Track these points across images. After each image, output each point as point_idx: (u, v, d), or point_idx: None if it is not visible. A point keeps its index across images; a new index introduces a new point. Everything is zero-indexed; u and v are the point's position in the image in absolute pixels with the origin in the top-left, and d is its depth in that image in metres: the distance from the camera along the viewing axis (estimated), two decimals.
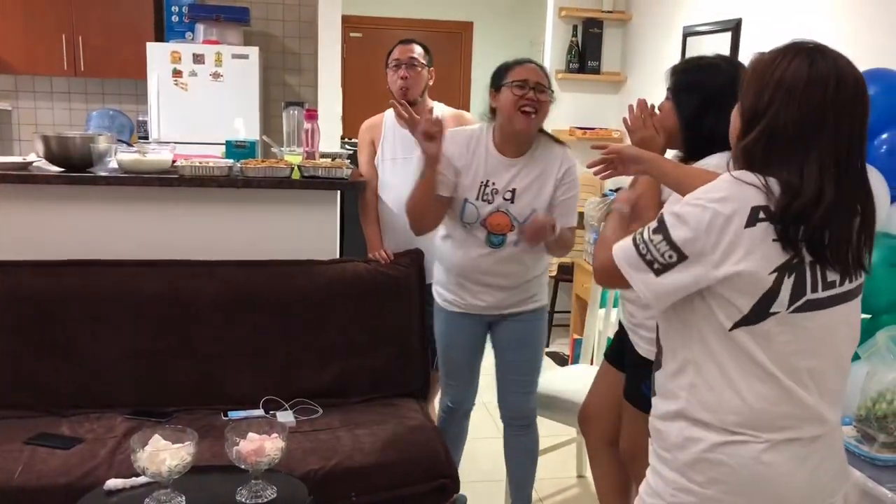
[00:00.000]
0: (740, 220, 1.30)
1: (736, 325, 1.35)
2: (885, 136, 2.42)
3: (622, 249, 1.44)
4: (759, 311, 1.33)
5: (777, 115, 1.34)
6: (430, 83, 3.11)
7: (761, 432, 1.37)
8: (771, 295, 1.32)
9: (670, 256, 1.35)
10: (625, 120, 2.06)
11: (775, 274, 1.31)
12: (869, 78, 2.45)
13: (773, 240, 1.31)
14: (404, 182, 3.08)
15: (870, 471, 1.81)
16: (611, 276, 1.48)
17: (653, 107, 2.05)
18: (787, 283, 1.32)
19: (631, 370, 2.21)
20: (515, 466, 2.87)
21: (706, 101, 1.93)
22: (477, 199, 2.55)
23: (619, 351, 2.34)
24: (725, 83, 1.90)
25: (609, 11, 5.24)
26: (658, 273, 1.37)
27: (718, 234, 1.31)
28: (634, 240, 1.41)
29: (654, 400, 1.53)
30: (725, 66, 2.02)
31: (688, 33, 4.46)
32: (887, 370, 1.94)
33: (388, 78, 3.08)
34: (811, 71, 1.33)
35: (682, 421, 1.43)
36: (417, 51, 3.05)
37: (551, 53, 5.31)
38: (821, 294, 1.35)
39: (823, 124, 1.32)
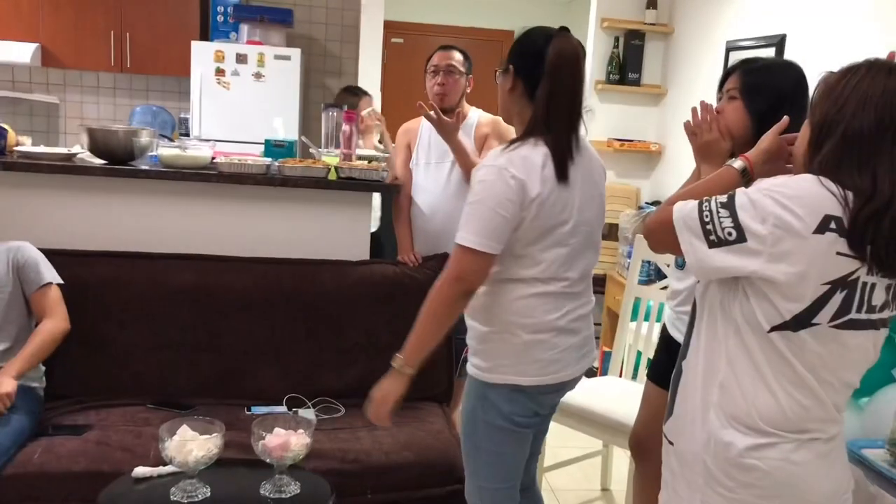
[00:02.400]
0: (810, 224, 1.28)
1: (774, 329, 1.34)
2: None
3: (684, 209, 1.40)
4: (801, 320, 1.32)
5: (852, 121, 1.32)
6: (469, 90, 3.12)
7: (790, 433, 1.37)
8: (817, 306, 1.31)
9: (730, 234, 1.32)
10: (687, 124, 1.99)
11: (828, 286, 1.30)
12: None
13: (837, 252, 1.28)
14: (436, 186, 3.10)
15: None
16: (664, 234, 1.44)
17: (715, 109, 2.00)
18: (836, 299, 1.31)
19: None
20: None
21: (781, 99, 1.92)
22: None
23: (667, 368, 1.98)
24: (798, 80, 1.97)
25: (651, 24, 5.21)
26: (711, 245, 1.34)
27: (784, 232, 1.29)
28: (700, 205, 1.38)
29: (678, 397, 1.51)
30: (795, 65, 2.03)
31: (731, 48, 4.41)
32: None
33: (426, 83, 3.09)
34: (888, 81, 1.32)
35: (710, 416, 1.42)
36: (456, 58, 3.06)
37: (592, 64, 5.29)
38: (861, 315, 1.34)
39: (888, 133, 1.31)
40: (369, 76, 5.55)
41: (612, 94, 5.23)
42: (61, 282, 2.64)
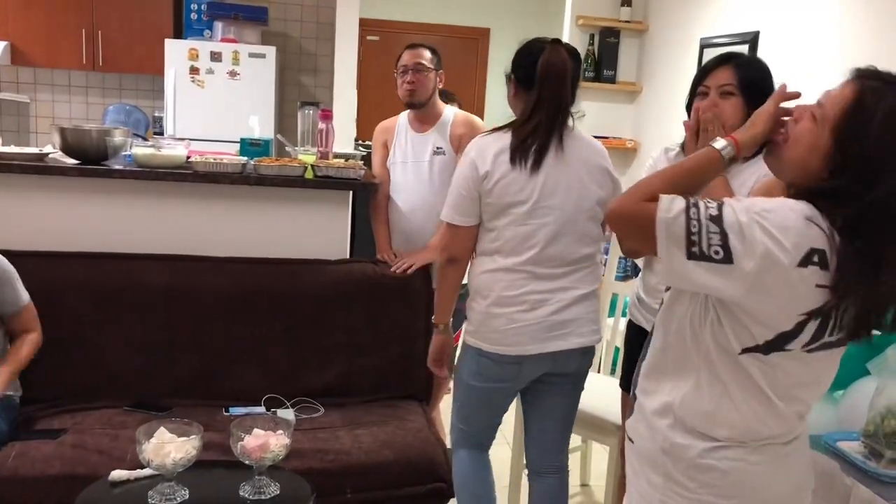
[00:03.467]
0: (794, 258, 1.21)
1: (745, 351, 1.31)
2: None
3: (671, 210, 1.25)
4: (774, 345, 1.29)
5: (879, 171, 1.22)
6: (440, 86, 3.12)
7: (747, 441, 1.37)
8: (791, 335, 1.27)
9: (716, 252, 1.22)
10: (688, 123, 1.92)
11: (804, 317, 1.25)
12: None
13: (817, 285, 1.22)
14: (414, 185, 3.10)
15: (877, 487, 1.80)
16: (639, 229, 1.30)
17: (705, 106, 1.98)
18: (811, 327, 1.26)
19: None
20: None
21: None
22: None
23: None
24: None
25: (626, 21, 5.24)
26: (691, 257, 1.23)
27: (770, 265, 1.21)
28: (688, 210, 1.24)
29: (640, 395, 1.48)
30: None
31: (705, 45, 4.45)
32: None
33: (397, 83, 3.09)
34: None
35: (667, 423, 1.40)
36: (425, 55, 3.06)
37: None
38: (833, 337, 1.30)
39: None
40: (345, 74, 5.53)
41: (587, 91, 5.25)
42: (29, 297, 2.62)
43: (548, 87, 2.14)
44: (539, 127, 2.14)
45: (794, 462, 1.43)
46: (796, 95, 1.42)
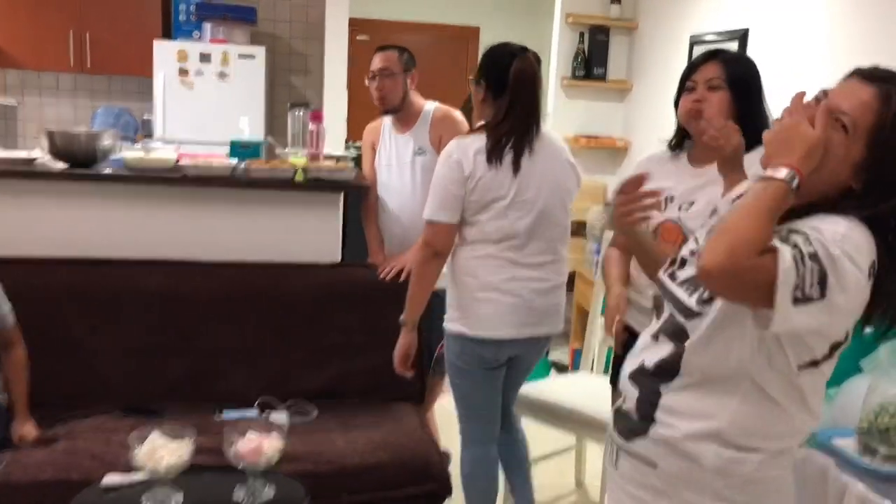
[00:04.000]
0: (868, 275, 1.21)
1: (802, 367, 1.29)
2: None
3: (786, 260, 1.17)
4: (828, 356, 1.29)
5: None
6: (413, 86, 3.09)
7: (793, 447, 1.38)
8: (844, 342, 1.29)
9: (815, 291, 1.16)
10: (710, 136, 1.88)
11: (858, 321, 1.28)
12: None
13: (871, 293, 1.24)
14: (399, 187, 3.10)
15: (872, 483, 1.80)
16: (749, 281, 1.19)
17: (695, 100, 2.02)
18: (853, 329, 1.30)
19: None
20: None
21: (759, 90, 1.99)
22: None
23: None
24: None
25: (616, 19, 5.24)
26: (795, 302, 1.16)
27: (859, 291, 1.21)
28: (795, 255, 1.17)
29: (666, 419, 1.37)
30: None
31: (695, 42, 4.46)
32: (890, 383, 1.93)
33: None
34: None
35: (715, 444, 1.33)
36: (392, 58, 3.02)
37: (557, 60, 5.31)
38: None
39: None
40: (335, 74, 5.52)
41: (577, 89, 5.26)
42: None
43: (521, 93, 2.33)
44: (514, 130, 2.32)
45: None
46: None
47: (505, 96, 2.33)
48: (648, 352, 1.44)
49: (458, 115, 3.09)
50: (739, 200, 1.25)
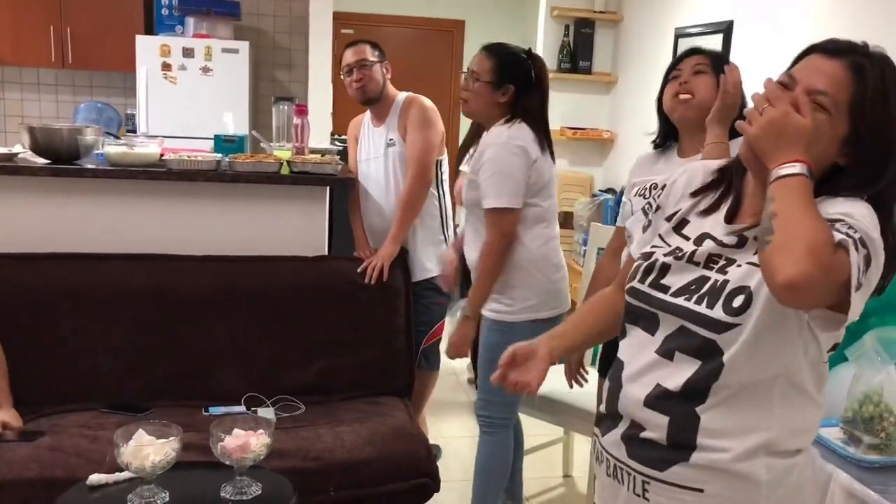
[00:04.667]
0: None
1: (828, 353, 1.28)
2: None
3: (854, 251, 1.13)
4: (841, 339, 1.29)
5: None
6: (389, 76, 3.11)
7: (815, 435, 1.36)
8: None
9: (864, 275, 1.13)
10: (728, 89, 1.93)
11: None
12: None
13: None
14: (375, 179, 3.10)
15: (856, 472, 1.81)
16: (831, 282, 1.11)
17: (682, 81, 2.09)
18: None
19: None
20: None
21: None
22: None
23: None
24: None
25: (601, 12, 5.24)
26: (856, 290, 1.13)
27: (882, 264, 1.19)
28: (855, 244, 1.13)
29: (711, 442, 1.27)
30: None
31: (679, 34, 4.46)
32: (874, 372, 1.94)
33: (345, 85, 3.07)
34: None
35: (765, 456, 1.26)
36: (366, 51, 3.05)
37: (543, 53, 5.29)
38: None
39: None
40: (320, 68, 5.49)
41: (563, 82, 5.26)
42: None
43: (546, 90, 2.56)
44: (545, 119, 2.53)
45: None
46: None
47: (535, 92, 2.50)
48: (662, 373, 1.31)
49: (425, 101, 3.08)
50: (772, 207, 1.15)
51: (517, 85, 2.48)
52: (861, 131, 1.22)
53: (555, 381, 3.10)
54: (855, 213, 1.17)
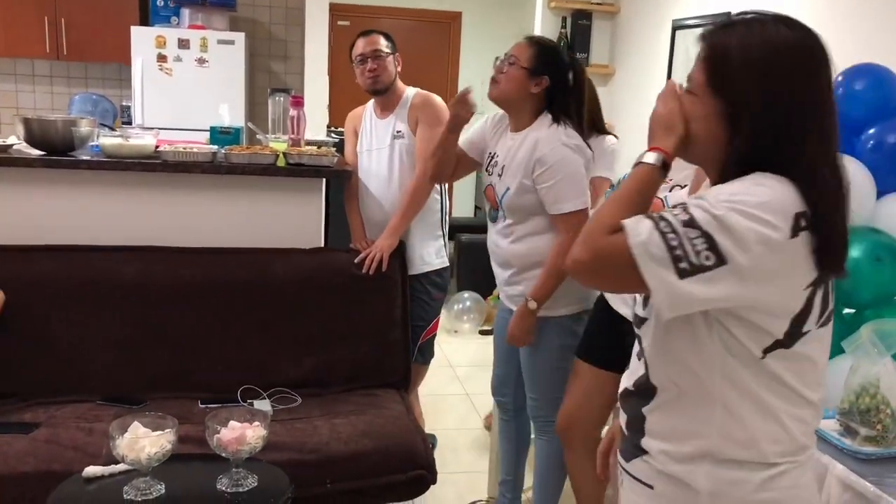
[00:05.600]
0: (786, 230, 1.11)
1: (767, 351, 1.18)
2: (871, 131, 2.42)
3: (640, 232, 1.12)
4: (793, 333, 1.18)
5: (770, 102, 1.15)
6: (399, 69, 3.10)
7: (797, 456, 1.25)
8: (804, 313, 1.18)
9: (707, 258, 1.09)
10: None
11: (810, 289, 1.16)
12: (857, 73, 2.46)
13: (812, 251, 1.14)
14: (377, 171, 3.09)
15: (852, 464, 1.82)
16: (615, 268, 1.16)
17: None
18: (818, 298, 1.18)
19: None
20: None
21: None
22: (485, 169, 2.60)
23: (607, 348, 2.29)
24: None
25: (598, 3, 5.23)
26: (683, 275, 1.10)
27: (766, 249, 1.10)
28: (658, 226, 1.12)
29: (652, 443, 1.29)
30: None
31: (677, 27, 4.45)
32: (871, 364, 1.94)
33: (356, 72, 3.06)
34: (801, 45, 1.18)
35: (707, 463, 1.23)
36: (380, 41, 3.03)
37: None
38: (832, 304, 1.23)
39: (819, 101, 1.17)
40: (316, 60, 5.48)
41: None
42: None
43: (583, 92, 2.52)
44: (584, 126, 2.48)
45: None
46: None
47: (572, 94, 2.45)
48: (630, 372, 1.37)
49: (437, 100, 3.08)
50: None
51: (552, 79, 2.40)
52: (726, 97, 1.20)
53: None
54: (708, 194, 1.15)
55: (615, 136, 2.97)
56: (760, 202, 1.11)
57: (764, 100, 1.16)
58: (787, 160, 1.15)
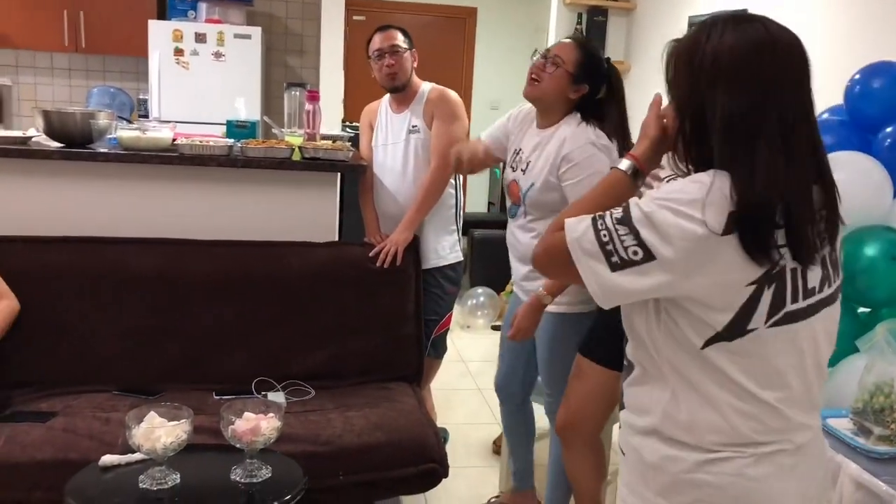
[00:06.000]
0: (715, 226, 1.15)
1: (708, 343, 1.22)
2: (888, 129, 2.40)
3: (577, 229, 1.23)
4: (735, 328, 1.20)
5: (717, 105, 1.19)
6: (415, 65, 3.10)
7: (745, 447, 1.25)
8: (748, 310, 1.19)
9: (634, 253, 1.18)
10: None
11: (754, 286, 1.18)
12: (873, 71, 2.45)
13: (750, 248, 1.16)
14: (392, 166, 3.10)
15: (865, 463, 1.81)
16: (557, 261, 1.28)
17: None
18: (767, 296, 1.19)
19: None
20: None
21: None
22: (508, 165, 2.58)
23: (608, 347, 2.25)
24: None
25: (614, 0, 5.21)
26: (614, 268, 1.19)
27: (692, 243, 1.15)
28: (594, 222, 1.22)
29: (624, 414, 1.40)
30: None
31: (693, 23, 4.42)
32: (886, 363, 1.93)
33: (372, 68, 3.06)
34: (743, 44, 1.19)
35: (655, 439, 1.31)
36: (398, 37, 3.03)
37: (555, 41, 5.27)
38: (801, 304, 1.22)
39: (765, 107, 1.18)
40: (332, 54, 5.49)
41: None
42: None
43: (623, 101, 2.52)
44: (629, 135, 2.47)
45: (804, 473, 1.30)
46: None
47: (610, 103, 2.46)
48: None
49: (453, 95, 3.08)
50: None
51: (590, 87, 2.41)
52: (675, 107, 1.29)
53: None
54: (656, 191, 1.24)
55: None
56: (691, 199, 1.16)
57: (694, 102, 1.23)
58: (730, 158, 1.18)
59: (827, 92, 1.74)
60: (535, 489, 2.88)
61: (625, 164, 1.35)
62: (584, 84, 2.38)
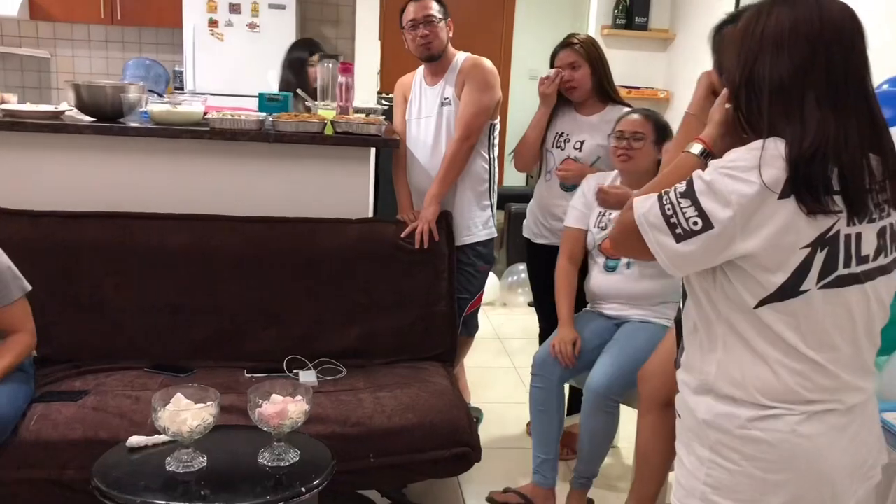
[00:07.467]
0: (771, 190, 1.22)
1: (761, 303, 1.29)
2: None
3: (644, 206, 1.33)
4: (788, 289, 1.27)
5: (765, 70, 1.28)
6: (451, 35, 3.00)
7: (795, 404, 1.31)
8: (801, 272, 1.26)
9: (695, 223, 1.26)
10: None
11: (808, 249, 1.24)
12: None
13: (806, 212, 1.23)
14: (425, 139, 3.02)
15: None
16: (629, 239, 1.36)
17: None
18: (819, 259, 1.25)
19: None
20: None
21: None
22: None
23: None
24: None
25: None
26: (679, 239, 1.28)
27: (749, 206, 1.23)
28: (660, 199, 1.31)
29: (680, 373, 1.47)
30: None
31: None
32: None
33: (406, 39, 2.98)
34: (792, 15, 1.27)
35: (709, 396, 1.37)
36: (433, 6, 2.93)
37: (597, 9, 5.12)
38: (854, 269, 1.28)
39: (813, 66, 1.25)
40: (367, 25, 5.39)
41: (618, 39, 5.08)
42: (29, 287, 2.33)
43: None
44: None
45: (856, 435, 1.34)
46: None
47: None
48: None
49: (487, 63, 2.99)
50: None
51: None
52: (726, 84, 1.41)
53: None
54: (719, 161, 1.30)
55: (629, 106, 2.95)
56: (750, 165, 1.24)
57: (745, 72, 1.31)
58: (782, 118, 1.26)
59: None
60: (555, 492, 2.75)
61: (696, 147, 1.42)
62: (664, 142, 2.69)
